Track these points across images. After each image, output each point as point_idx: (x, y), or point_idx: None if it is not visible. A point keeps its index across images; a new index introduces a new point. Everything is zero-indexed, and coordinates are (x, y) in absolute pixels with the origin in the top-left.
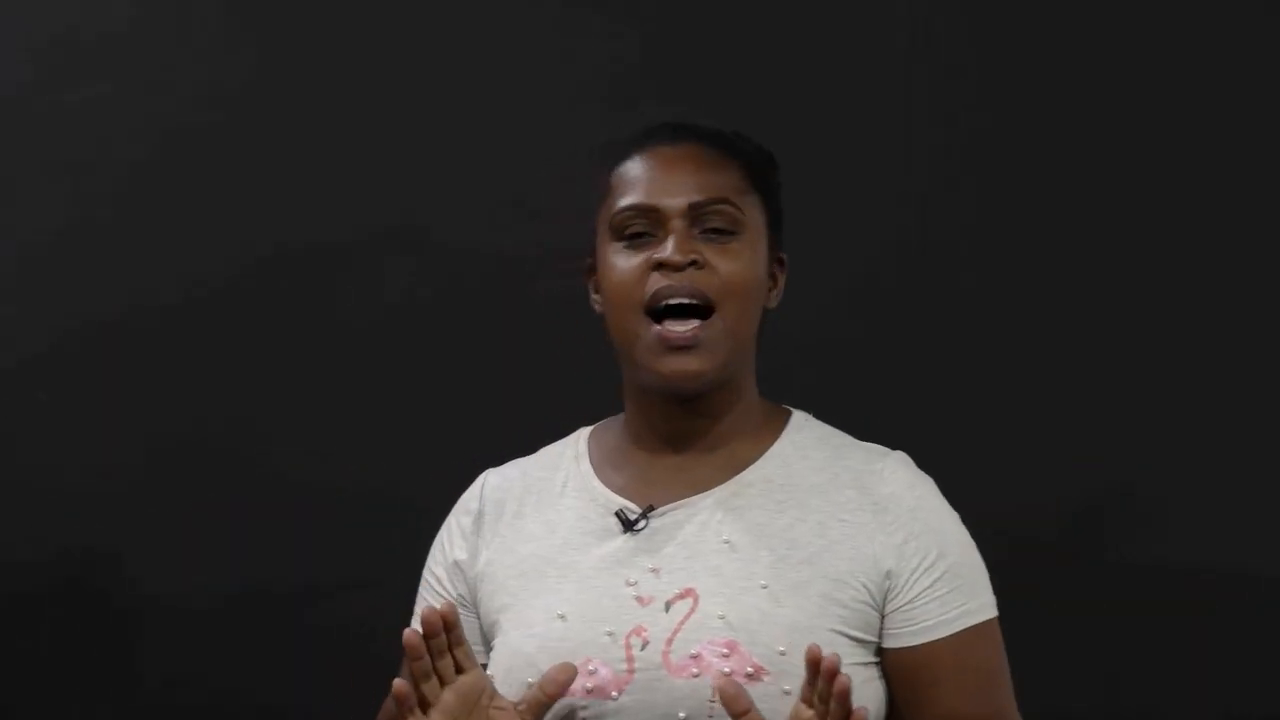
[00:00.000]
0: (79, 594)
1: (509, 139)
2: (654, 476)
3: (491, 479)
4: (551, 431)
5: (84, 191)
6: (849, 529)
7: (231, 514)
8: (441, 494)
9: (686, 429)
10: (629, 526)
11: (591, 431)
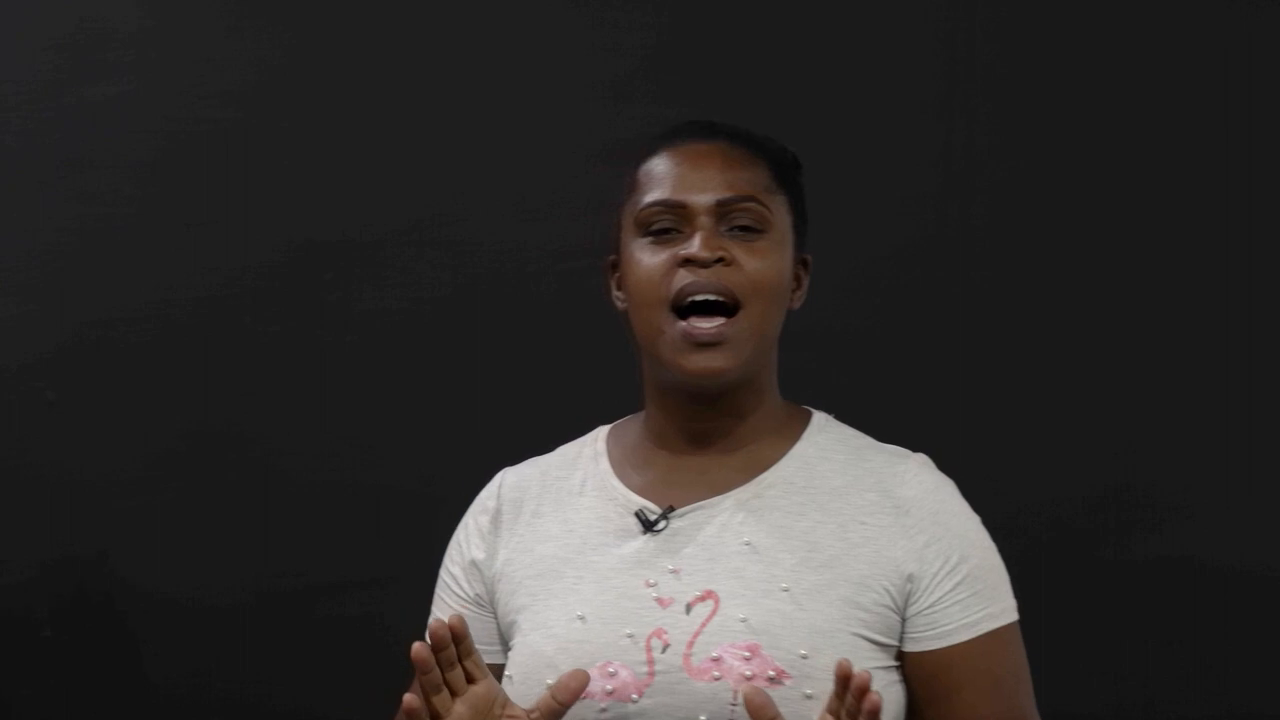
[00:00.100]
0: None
1: (527, 136)
2: (674, 477)
3: (509, 477)
4: (566, 429)
5: (100, 190)
6: (870, 532)
7: (245, 511)
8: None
9: (708, 429)
10: (649, 527)
11: (610, 430)
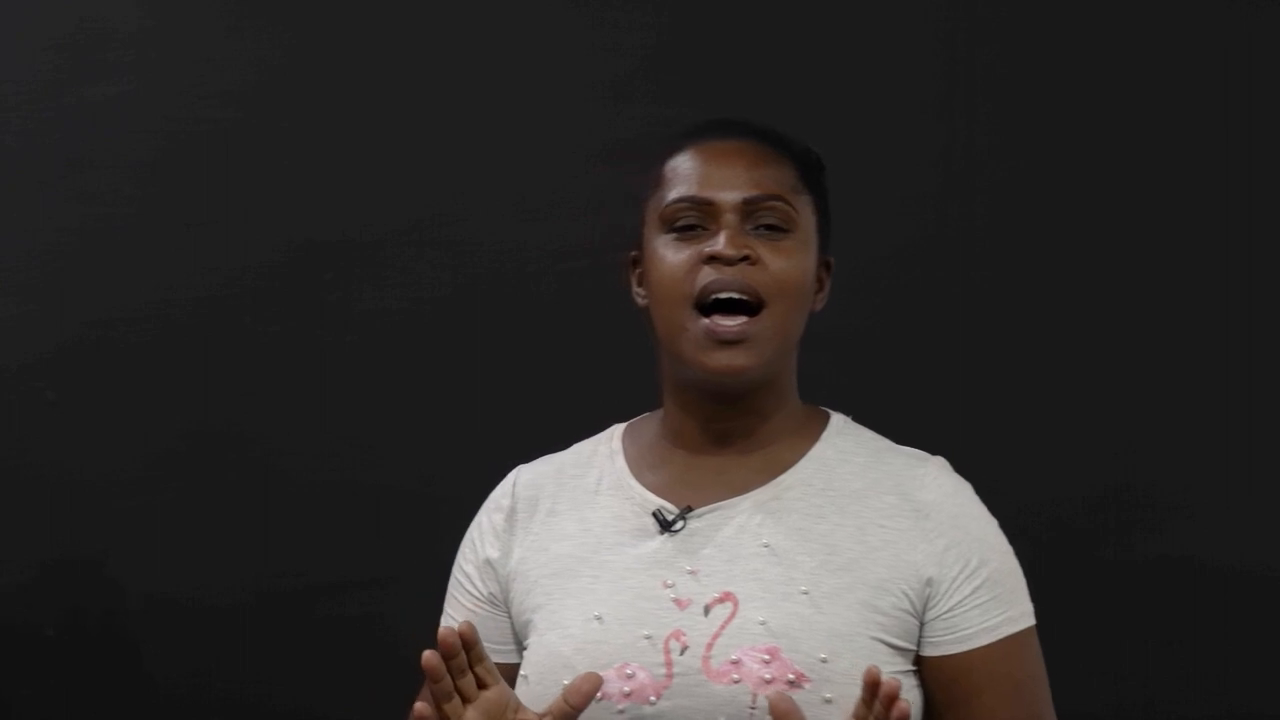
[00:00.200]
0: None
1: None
2: (691, 476)
3: (524, 475)
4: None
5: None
6: (889, 535)
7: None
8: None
9: (728, 429)
10: (666, 527)
11: (625, 428)
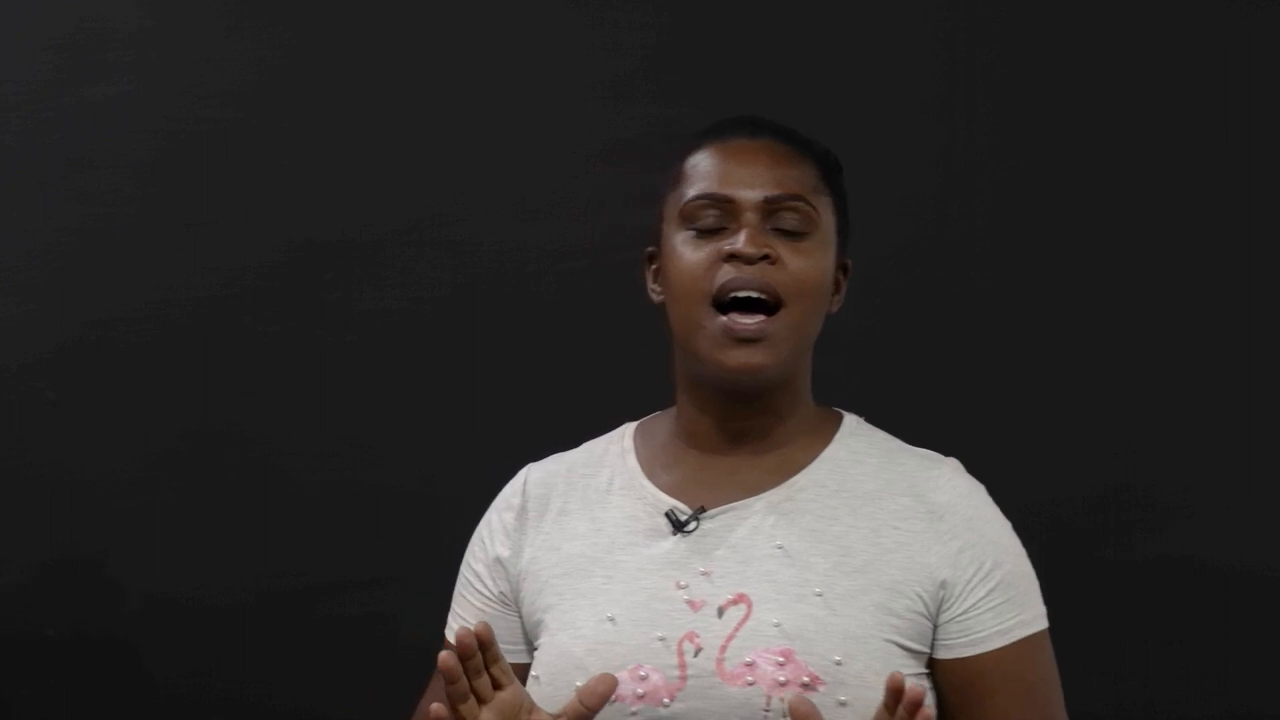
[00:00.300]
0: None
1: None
2: (704, 476)
3: (534, 473)
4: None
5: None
6: (903, 537)
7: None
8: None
9: (743, 429)
10: (679, 528)
11: (637, 427)
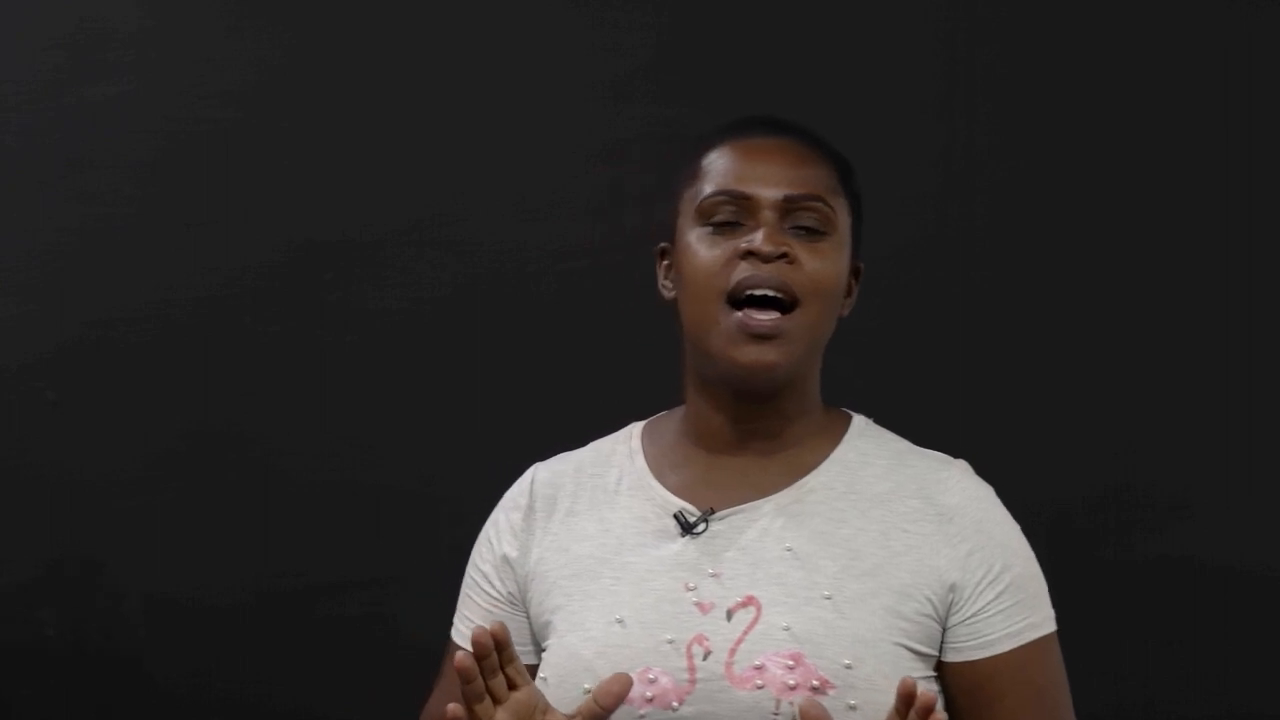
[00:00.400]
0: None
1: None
2: (712, 477)
3: (541, 473)
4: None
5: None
6: (913, 540)
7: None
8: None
9: (753, 429)
10: (688, 529)
11: (644, 426)
